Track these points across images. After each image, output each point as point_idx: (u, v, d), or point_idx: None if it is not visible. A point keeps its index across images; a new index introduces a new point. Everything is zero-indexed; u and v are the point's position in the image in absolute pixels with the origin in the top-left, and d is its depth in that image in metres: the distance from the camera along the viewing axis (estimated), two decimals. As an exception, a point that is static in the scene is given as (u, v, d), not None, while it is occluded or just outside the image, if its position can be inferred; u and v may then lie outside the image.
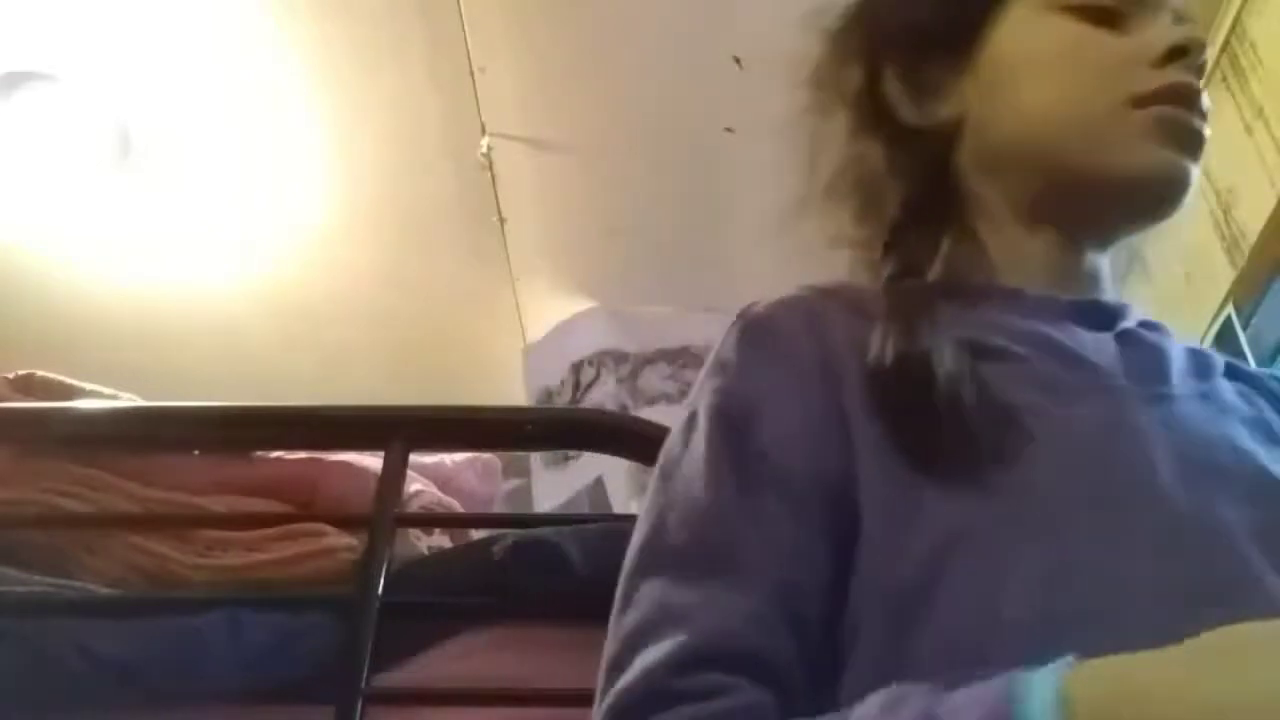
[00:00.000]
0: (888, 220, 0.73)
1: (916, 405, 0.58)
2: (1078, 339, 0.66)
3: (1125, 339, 0.68)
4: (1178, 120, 0.67)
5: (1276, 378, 0.73)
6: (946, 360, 0.59)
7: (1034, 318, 0.66)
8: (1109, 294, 0.73)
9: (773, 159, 0.76)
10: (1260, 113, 1.99)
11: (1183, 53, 0.68)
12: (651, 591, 0.56)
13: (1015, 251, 0.72)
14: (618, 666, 0.54)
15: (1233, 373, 0.72)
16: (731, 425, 0.61)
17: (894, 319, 0.63)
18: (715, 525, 0.57)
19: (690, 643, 0.52)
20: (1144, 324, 0.70)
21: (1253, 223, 1.99)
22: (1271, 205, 1.92)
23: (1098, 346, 0.66)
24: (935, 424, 0.57)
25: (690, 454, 0.61)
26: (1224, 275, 2.07)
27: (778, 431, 0.60)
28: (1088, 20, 0.70)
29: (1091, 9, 0.70)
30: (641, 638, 0.54)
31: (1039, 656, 0.45)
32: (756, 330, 0.66)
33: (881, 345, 0.61)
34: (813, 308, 0.66)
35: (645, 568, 0.58)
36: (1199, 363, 0.70)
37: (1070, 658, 0.44)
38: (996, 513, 0.55)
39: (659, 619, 0.54)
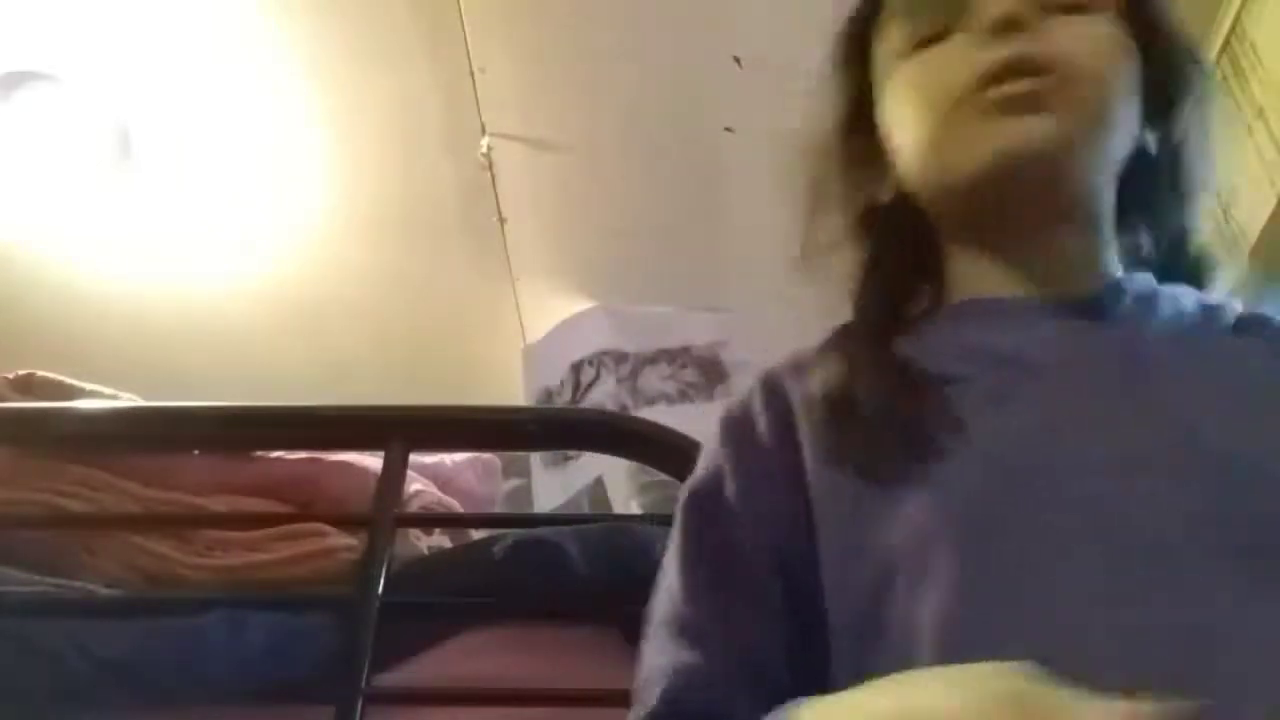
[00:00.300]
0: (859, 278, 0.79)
1: (845, 435, 0.65)
2: (1033, 341, 0.67)
3: (1100, 326, 0.67)
4: (1001, 94, 0.67)
5: None
6: (872, 391, 0.66)
7: (992, 329, 0.69)
8: (1094, 276, 0.71)
9: (772, 159, 0.77)
10: (1260, 113, 1.99)
11: (999, 27, 0.68)
12: (647, 654, 0.66)
13: (983, 271, 0.73)
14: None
15: (1248, 325, 0.70)
16: (696, 514, 0.70)
17: (829, 362, 0.70)
18: (683, 603, 0.66)
19: (662, 698, 0.62)
20: (1139, 297, 0.69)
21: (1253, 223, 1.99)
22: (1271, 205, 1.92)
23: (1058, 344, 0.66)
24: (861, 450, 0.64)
25: (671, 536, 0.71)
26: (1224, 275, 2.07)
27: (735, 517, 0.67)
28: (925, 49, 0.73)
29: (925, 39, 0.73)
30: (639, 693, 0.64)
31: (954, 660, 0.47)
32: (727, 425, 0.72)
33: (817, 388, 0.68)
34: (778, 383, 0.72)
35: (647, 634, 0.68)
36: (1199, 328, 0.69)
37: (805, 698, 0.51)
38: (922, 529, 0.59)
39: (646, 678, 0.64)
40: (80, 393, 1.37)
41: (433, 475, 1.44)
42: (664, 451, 1.24)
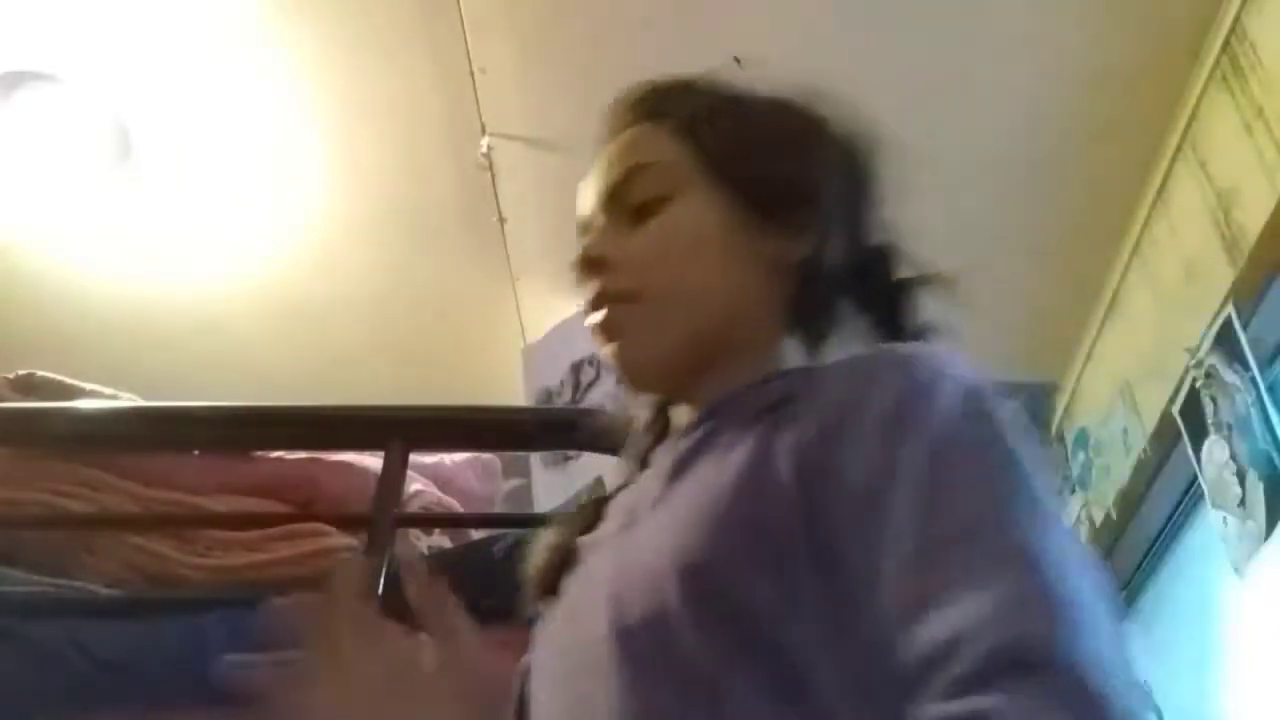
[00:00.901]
0: None
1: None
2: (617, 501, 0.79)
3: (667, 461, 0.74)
4: (591, 325, 0.79)
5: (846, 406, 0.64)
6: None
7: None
8: (691, 422, 0.76)
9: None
10: (1260, 113, 1.99)
11: (577, 279, 0.80)
12: None
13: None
14: None
15: (790, 401, 0.68)
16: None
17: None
18: None
19: None
20: (703, 422, 0.74)
21: (1253, 223, 1.99)
22: (1271, 205, 1.91)
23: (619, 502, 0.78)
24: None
25: None
26: (1224, 275, 2.07)
27: None
28: None
29: None
30: None
31: None
32: None
33: None
34: None
35: None
36: (719, 437, 0.70)
37: None
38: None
39: None
40: (80, 393, 1.37)
41: (433, 475, 1.44)
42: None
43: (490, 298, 2.84)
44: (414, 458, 1.25)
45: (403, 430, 1.23)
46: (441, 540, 1.41)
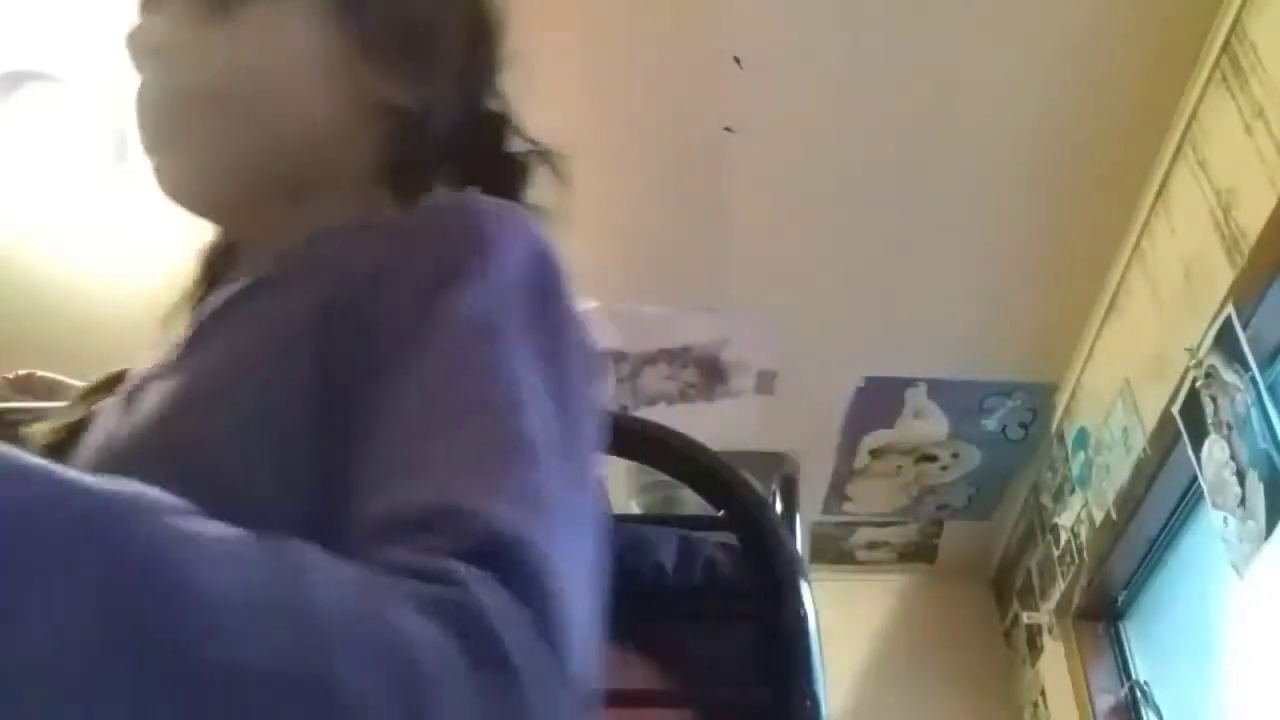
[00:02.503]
0: None
1: None
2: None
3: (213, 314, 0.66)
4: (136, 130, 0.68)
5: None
6: None
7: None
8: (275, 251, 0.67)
9: (772, 159, 0.77)
10: (1260, 113, 1.99)
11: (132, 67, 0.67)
12: None
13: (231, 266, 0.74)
14: None
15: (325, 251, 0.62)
16: None
17: None
18: None
19: None
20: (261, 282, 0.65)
21: (1253, 223, 1.99)
22: (1271, 205, 1.92)
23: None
24: None
25: None
26: (1224, 275, 2.07)
27: None
28: None
29: None
30: None
31: None
32: None
33: None
34: None
35: None
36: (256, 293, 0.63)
37: None
38: None
39: None
40: (80, 393, 1.37)
41: (432, 475, 1.44)
42: (664, 451, 1.24)
43: (490, 298, 2.84)
44: (414, 458, 1.25)
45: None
46: (441, 540, 1.40)
